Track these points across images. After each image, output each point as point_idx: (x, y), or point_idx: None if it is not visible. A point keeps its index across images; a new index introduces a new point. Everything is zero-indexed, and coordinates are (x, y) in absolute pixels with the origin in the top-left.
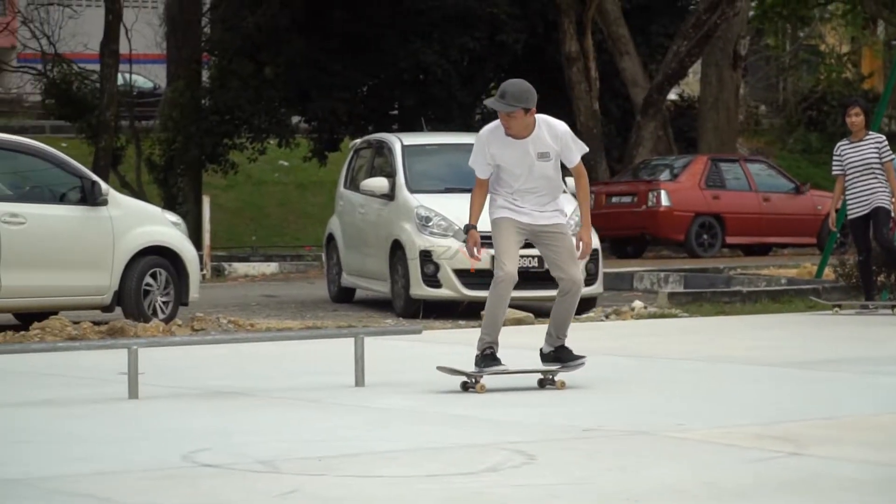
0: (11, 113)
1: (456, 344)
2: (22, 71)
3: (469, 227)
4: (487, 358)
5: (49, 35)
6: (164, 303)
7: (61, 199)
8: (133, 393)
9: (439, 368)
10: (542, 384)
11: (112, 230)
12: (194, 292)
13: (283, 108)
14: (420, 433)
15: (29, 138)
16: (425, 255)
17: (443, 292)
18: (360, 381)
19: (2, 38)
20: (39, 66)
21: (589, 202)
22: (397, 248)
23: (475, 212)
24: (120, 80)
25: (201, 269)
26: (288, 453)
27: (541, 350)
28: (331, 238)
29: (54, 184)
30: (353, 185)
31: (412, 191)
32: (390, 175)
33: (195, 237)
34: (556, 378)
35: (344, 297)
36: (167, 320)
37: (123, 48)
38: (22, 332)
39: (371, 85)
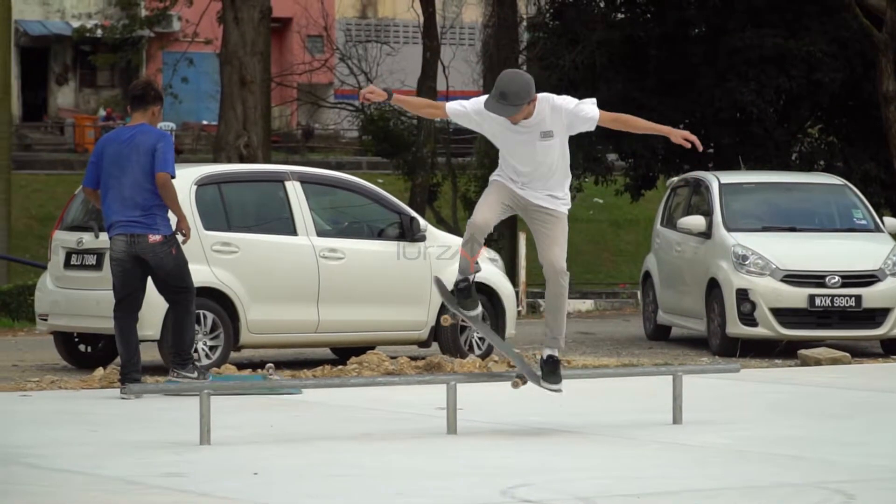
0: (329, 149)
1: (775, 383)
2: (339, 107)
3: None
4: (462, 292)
5: (366, 72)
6: (480, 339)
7: (379, 235)
8: (451, 428)
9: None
10: (516, 385)
11: (430, 266)
12: (511, 328)
13: (599, 144)
14: (738, 472)
15: (346, 174)
16: (742, 294)
17: (759, 331)
18: (677, 418)
19: (320, 75)
20: (357, 103)
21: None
22: (714, 287)
23: (407, 94)
24: None
25: (517, 306)
26: (606, 490)
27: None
28: (647, 275)
29: (373, 219)
30: (669, 222)
31: (729, 229)
32: (707, 213)
33: (510, 274)
34: (518, 377)
35: (659, 334)
36: (483, 356)
37: (440, 85)
38: (339, 367)
39: (687, 123)
